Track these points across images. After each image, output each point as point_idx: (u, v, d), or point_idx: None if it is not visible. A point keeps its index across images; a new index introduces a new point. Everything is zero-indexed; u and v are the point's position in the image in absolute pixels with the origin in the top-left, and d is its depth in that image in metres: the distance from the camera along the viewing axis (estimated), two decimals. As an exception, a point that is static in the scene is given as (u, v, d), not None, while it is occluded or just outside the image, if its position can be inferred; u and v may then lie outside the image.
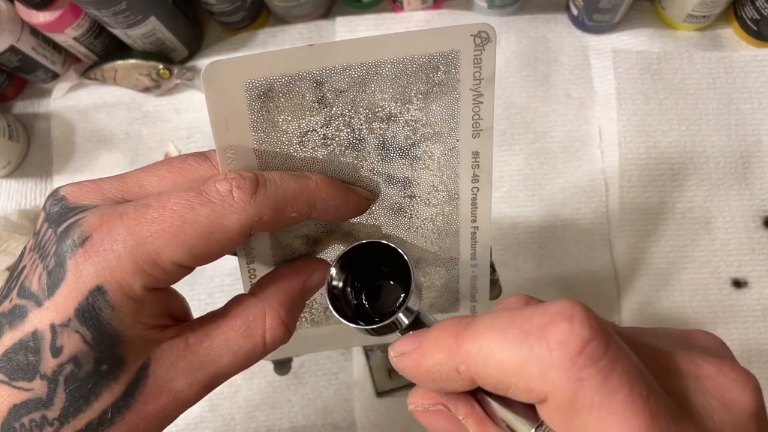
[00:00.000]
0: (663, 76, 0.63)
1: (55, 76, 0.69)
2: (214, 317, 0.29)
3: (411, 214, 0.33)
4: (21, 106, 0.71)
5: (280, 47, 0.66)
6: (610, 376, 0.20)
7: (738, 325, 0.59)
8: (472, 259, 0.35)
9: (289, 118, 0.28)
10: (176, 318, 0.29)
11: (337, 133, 0.29)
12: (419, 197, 0.32)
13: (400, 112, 0.29)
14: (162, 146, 0.67)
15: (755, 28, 0.62)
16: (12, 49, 0.62)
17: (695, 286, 0.60)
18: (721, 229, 0.60)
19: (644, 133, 0.62)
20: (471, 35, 0.27)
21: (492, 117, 0.29)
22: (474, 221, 0.33)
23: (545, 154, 0.63)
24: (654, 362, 0.23)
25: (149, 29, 0.61)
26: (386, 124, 0.29)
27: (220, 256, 0.27)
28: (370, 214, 0.32)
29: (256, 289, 0.30)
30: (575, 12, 0.64)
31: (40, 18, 0.59)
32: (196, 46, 0.69)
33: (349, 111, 0.28)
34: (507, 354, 0.22)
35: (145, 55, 0.65)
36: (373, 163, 0.30)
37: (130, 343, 0.27)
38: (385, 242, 0.29)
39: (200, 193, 0.26)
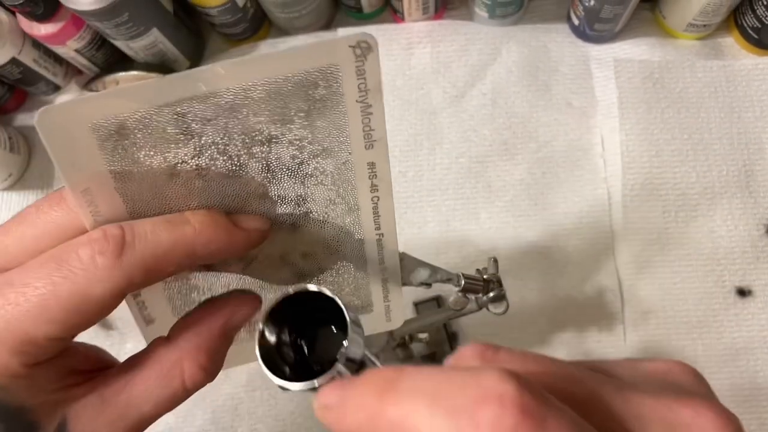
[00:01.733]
0: (665, 85, 0.63)
1: (56, 89, 0.69)
2: (130, 367, 0.28)
3: (309, 229, 0.32)
4: (22, 119, 0.71)
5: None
6: None
7: (743, 334, 0.58)
8: (381, 263, 0.35)
9: (152, 152, 0.26)
10: (86, 371, 0.28)
11: (212, 162, 0.27)
12: (316, 212, 0.31)
13: (281, 133, 0.27)
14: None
15: (756, 36, 0.62)
16: (14, 62, 0.62)
17: (700, 295, 0.59)
18: (725, 238, 0.60)
19: (647, 141, 0.62)
20: (350, 47, 0.25)
21: (384, 127, 0.28)
22: (378, 229, 0.33)
23: (547, 163, 0.63)
24: (618, 418, 0.21)
25: (151, 41, 0.61)
26: (267, 146, 0.27)
27: (101, 319, 0.26)
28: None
29: (174, 334, 0.29)
30: (576, 22, 0.64)
31: (42, 30, 0.59)
32: (197, 57, 0.69)
33: (222, 138, 0.26)
34: (432, 430, 0.19)
35: (147, 66, 0.65)
36: (259, 186, 0.29)
37: (38, 409, 0.26)
38: (315, 288, 0.27)
39: (61, 263, 0.25)
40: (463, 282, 0.41)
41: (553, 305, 0.60)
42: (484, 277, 0.42)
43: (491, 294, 0.42)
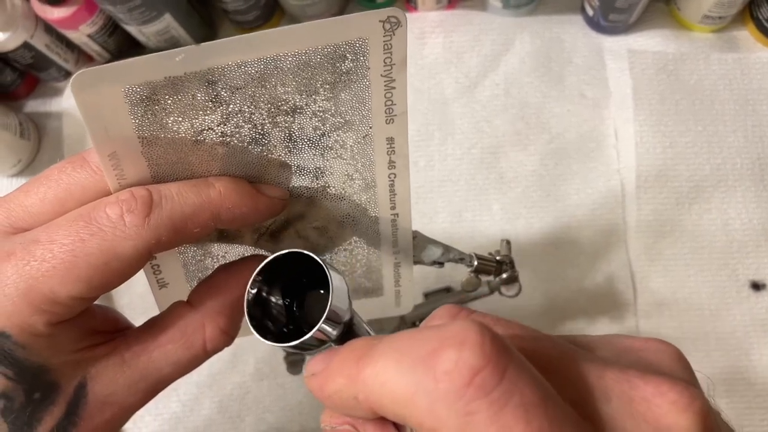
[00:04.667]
0: (679, 77, 0.63)
1: (67, 75, 0.69)
2: (151, 329, 0.29)
3: (325, 204, 0.32)
4: (33, 105, 0.71)
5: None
6: (503, 409, 0.18)
7: (757, 327, 0.58)
8: (394, 246, 0.35)
9: (180, 118, 0.26)
10: (106, 332, 0.29)
11: (237, 129, 0.27)
12: (333, 187, 0.31)
13: (306, 104, 0.28)
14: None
15: (772, 29, 0.62)
16: (26, 46, 0.62)
17: (713, 289, 0.59)
18: (739, 231, 0.59)
19: (660, 133, 0.61)
20: (380, 21, 0.25)
21: (405, 102, 0.28)
22: (393, 208, 0.33)
23: (560, 154, 0.62)
24: (580, 384, 0.21)
25: (163, 26, 0.61)
26: (291, 116, 0.28)
27: (124, 281, 0.26)
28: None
29: (194, 298, 0.29)
30: (590, 12, 0.63)
31: (55, 14, 0.59)
32: (209, 45, 0.69)
33: (249, 107, 0.27)
34: (398, 383, 0.20)
35: (159, 53, 0.65)
36: (280, 155, 0.29)
37: (59, 369, 0.26)
38: (299, 251, 0.27)
39: (90, 221, 0.25)
40: (476, 262, 0.41)
41: (565, 296, 0.59)
42: (497, 258, 0.42)
43: (504, 275, 0.42)
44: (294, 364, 0.55)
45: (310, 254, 0.27)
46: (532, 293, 0.59)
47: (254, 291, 0.27)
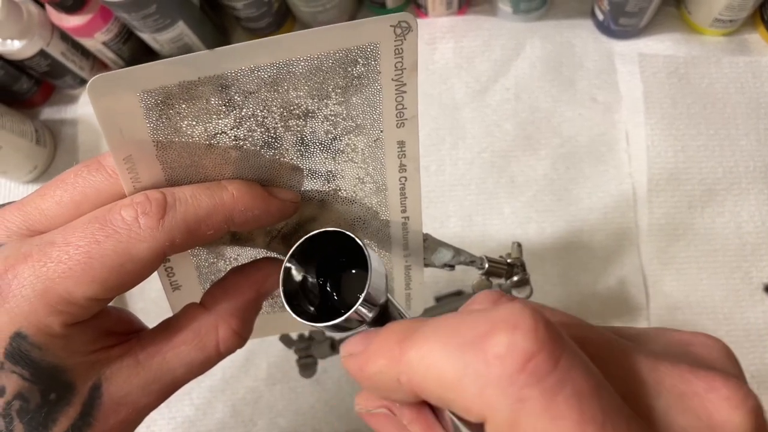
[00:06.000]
0: (690, 81, 0.63)
1: (82, 83, 0.70)
2: (165, 330, 0.29)
3: (336, 207, 0.32)
4: (48, 112, 0.72)
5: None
6: (556, 397, 0.18)
7: (771, 331, 0.57)
8: (405, 249, 0.35)
9: (194, 122, 0.27)
10: (121, 333, 0.29)
11: (250, 133, 0.28)
12: (345, 190, 0.31)
13: (318, 108, 0.28)
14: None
15: (783, 32, 0.61)
16: (42, 54, 0.63)
17: (726, 292, 0.58)
18: (752, 234, 0.59)
19: (672, 137, 0.61)
20: (390, 26, 0.25)
21: (416, 106, 0.29)
22: (404, 211, 0.33)
23: (571, 158, 0.62)
24: (631, 376, 0.20)
25: (177, 34, 0.62)
26: (303, 120, 0.28)
27: (139, 283, 0.26)
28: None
29: (208, 300, 0.30)
30: (601, 17, 0.63)
31: (71, 22, 0.60)
32: (222, 52, 0.69)
33: (261, 111, 0.27)
34: (446, 366, 0.19)
35: (172, 60, 0.65)
36: (292, 159, 0.29)
37: (74, 370, 0.26)
38: (337, 230, 0.27)
39: (105, 223, 0.25)
40: (486, 265, 0.41)
41: (577, 300, 0.59)
42: (508, 261, 0.42)
43: (515, 278, 0.42)
44: (306, 367, 0.56)
45: (349, 234, 0.27)
46: (544, 297, 0.59)
47: (289, 267, 0.28)
